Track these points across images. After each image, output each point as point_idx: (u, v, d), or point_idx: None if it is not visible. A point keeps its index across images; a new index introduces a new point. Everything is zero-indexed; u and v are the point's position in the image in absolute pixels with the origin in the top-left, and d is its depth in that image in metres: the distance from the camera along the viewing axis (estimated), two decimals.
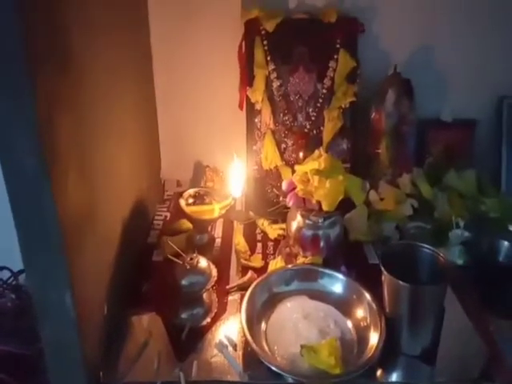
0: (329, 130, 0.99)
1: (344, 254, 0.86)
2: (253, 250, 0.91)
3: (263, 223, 0.97)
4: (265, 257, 0.90)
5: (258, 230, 0.97)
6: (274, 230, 0.95)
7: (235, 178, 0.86)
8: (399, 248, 0.72)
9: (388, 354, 0.68)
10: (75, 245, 0.59)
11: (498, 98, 1.05)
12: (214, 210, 0.85)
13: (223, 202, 0.85)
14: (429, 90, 1.02)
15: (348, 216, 0.93)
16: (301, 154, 0.96)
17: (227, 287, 0.82)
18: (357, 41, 0.98)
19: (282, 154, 1.00)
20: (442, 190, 0.98)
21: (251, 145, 1.01)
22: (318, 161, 0.80)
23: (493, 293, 0.77)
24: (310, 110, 0.99)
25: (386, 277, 0.67)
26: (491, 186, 0.99)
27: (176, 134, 1.09)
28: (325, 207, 0.78)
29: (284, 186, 0.84)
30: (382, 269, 0.67)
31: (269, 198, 1.02)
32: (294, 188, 0.82)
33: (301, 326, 0.72)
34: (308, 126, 1.00)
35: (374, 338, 0.68)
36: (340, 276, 0.78)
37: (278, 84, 0.98)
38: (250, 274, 0.83)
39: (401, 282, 0.65)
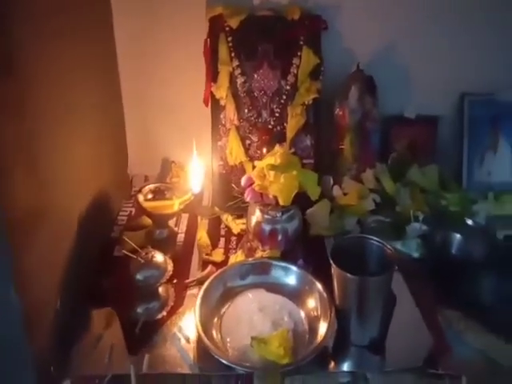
0: (292, 126, 0.99)
1: (303, 247, 0.87)
2: (215, 245, 0.92)
3: (227, 218, 0.98)
4: (227, 251, 0.91)
5: (222, 225, 0.98)
6: (237, 225, 0.96)
7: (195, 173, 0.86)
8: (349, 242, 0.74)
9: (338, 345, 0.70)
10: (22, 240, 0.60)
11: (460, 95, 1.06)
12: (173, 205, 0.86)
13: (183, 197, 0.86)
14: (392, 86, 1.03)
15: (310, 211, 0.94)
16: (265, 150, 0.97)
17: (186, 281, 0.82)
18: (320, 38, 1.00)
19: (246, 149, 1.01)
20: (405, 185, 0.99)
21: (216, 140, 1.02)
22: (274, 156, 0.81)
23: (445, 285, 0.78)
24: (274, 106, 1.00)
25: (334, 269, 0.68)
26: (453, 182, 1.01)
27: (143, 130, 1.10)
28: (280, 201, 0.79)
29: (242, 181, 0.85)
30: (331, 261, 0.68)
31: (234, 194, 1.02)
32: (252, 183, 0.83)
33: (256, 318, 0.73)
34: (272, 123, 1.00)
35: (323, 328, 0.69)
36: (293, 268, 0.79)
37: (243, 80, 0.99)
38: (209, 268, 0.84)
39: (347, 274, 0.66)
